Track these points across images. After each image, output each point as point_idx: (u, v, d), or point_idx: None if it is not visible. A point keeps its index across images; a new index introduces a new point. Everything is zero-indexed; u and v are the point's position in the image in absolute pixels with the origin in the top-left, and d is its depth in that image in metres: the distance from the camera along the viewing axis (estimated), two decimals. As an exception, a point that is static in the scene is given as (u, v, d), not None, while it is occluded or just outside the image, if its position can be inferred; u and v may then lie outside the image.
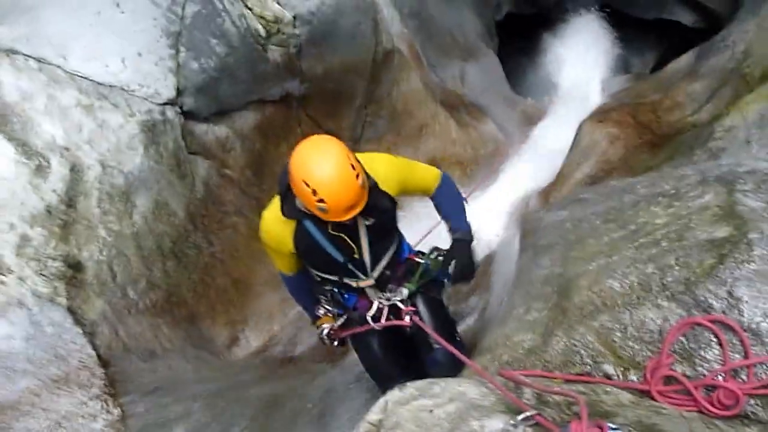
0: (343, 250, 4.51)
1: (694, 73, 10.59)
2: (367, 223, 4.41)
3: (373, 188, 4.21)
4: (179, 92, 7.28)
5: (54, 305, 5.65)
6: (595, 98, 14.57)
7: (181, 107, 7.37)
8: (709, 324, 3.19)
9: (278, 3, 8.43)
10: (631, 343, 3.46)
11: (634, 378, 3.34)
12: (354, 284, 4.83)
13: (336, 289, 4.97)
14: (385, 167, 4.40)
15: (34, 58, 6.42)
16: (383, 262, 4.76)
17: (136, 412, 5.63)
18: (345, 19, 9.41)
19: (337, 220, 4.00)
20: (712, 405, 3.04)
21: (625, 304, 3.64)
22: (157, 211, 6.87)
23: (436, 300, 5.22)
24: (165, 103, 7.15)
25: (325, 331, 5.01)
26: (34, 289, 5.61)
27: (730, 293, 3.24)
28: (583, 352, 3.61)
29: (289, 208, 4.26)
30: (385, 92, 10.70)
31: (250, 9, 8.12)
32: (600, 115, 11.03)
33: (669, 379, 3.16)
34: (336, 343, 5.10)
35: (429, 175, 4.77)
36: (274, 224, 4.43)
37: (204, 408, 6.15)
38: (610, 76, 16.46)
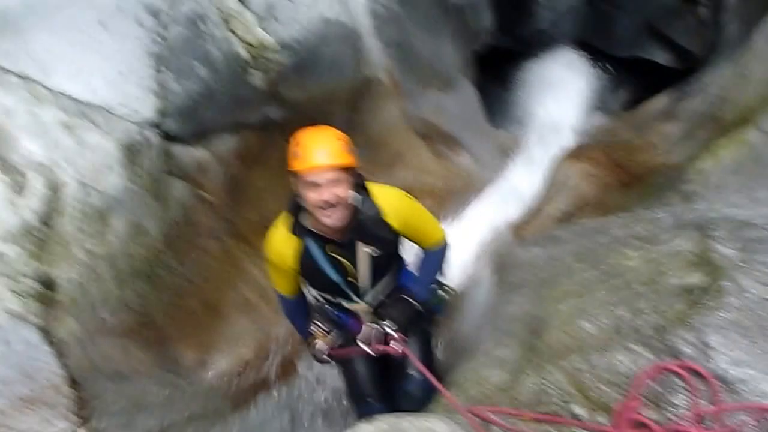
0: (340, 272, 4.69)
1: (669, 114, 10.67)
2: (369, 251, 4.60)
3: (375, 218, 4.50)
4: (160, 113, 7.27)
5: (25, 324, 5.60)
6: (569, 134, 14.62)
7: (160, 128, 7.36)
8: (679, 370, 3.23)
9: (262, 28, 8.45)
10: (600, 385, 3.49)
11: (603, 420, 3.37)
12: (348, 306, 5.00)
13: (330, 308, 5.10)
14: (397, 201, 4.65)
15: (16, 74, 6.40)
16: (379, 288, 4.91)
17: (103, 433, 5.63)
18: (328, 48, 9.44)
19: (308, 166, 4.21)
20: (679, 451, 3.07)
21: (595, 345, 3.67)
22: (132, 232, 6.84)
23: (426, 332, 5.34)
24: (145, 124, 7.13)
25: (319, 348, 5.10)
26: (7, 307, 5.56)
27: (700, 340, 3.28)
28: (552, 391, 3.64)
29: (295, 224, 4.56)
30: (363, 121, 10.71)
31: (234, 33, 8.13)
32: (574, 152, 11.09)
33: (637, 423, 3.20)
34: (327, 359, 5.20)
35: (433, 235, 4.95)
36: (279, 242, 4.71)
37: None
38: (584, 112, 16.49)
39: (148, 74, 7.21)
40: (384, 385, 5.36)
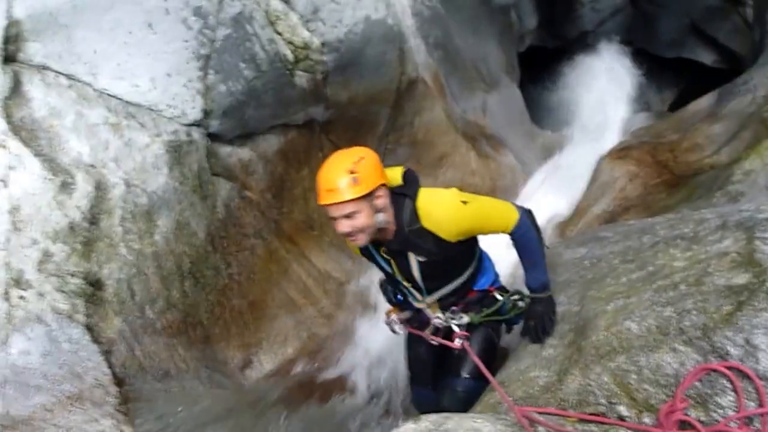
0: (396, 272, 4.82)
1: (714, 114, 10.58)
2: (419, 259, 4.61)
3: (419, 231, 4.49)
4: (206, 114, 7.32)
5: (72, 322, 5.64)
6: (614, 134, 14.50)
7: (207, 129, 7.42)
8: (725, 370, 3.20)
9: (307, 29, 8.48)
10: (646, 386, 3.47)
11: (648, 421, 3.34)
12: (412, 302, 5.11)
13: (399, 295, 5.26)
14: (443, 213, 4.53)
15: (64, 75, 6.46)
16: (443, 291, 4.95)
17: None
18: (372, 48, 9.46)
19: (322, 203, 4.30)
20: (725, 451, 3.05)
21: (641, 346, 3.65)
22: (178, 232, 6.89)
23: (491, 337, 5.30)
24: (191, 125, 7.19)
25: (393, 319, 5.39)
26: (54, 306, 5.60)
27: (747, 341, 3.25)
28: (597, 392, 3.63)
29: None
30: (407, 121, 10.72)
31: (280, 34, 8.17)
32: (620, 152, 11.04)
33: (683, 424, 3.17)
34: (397, 330, 5.43)
35: (504, 223, 4.71)
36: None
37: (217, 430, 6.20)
38: (629, 112, 16.39)
39: (194, 75, 7.26)
40: (442, 373, 5.41)
